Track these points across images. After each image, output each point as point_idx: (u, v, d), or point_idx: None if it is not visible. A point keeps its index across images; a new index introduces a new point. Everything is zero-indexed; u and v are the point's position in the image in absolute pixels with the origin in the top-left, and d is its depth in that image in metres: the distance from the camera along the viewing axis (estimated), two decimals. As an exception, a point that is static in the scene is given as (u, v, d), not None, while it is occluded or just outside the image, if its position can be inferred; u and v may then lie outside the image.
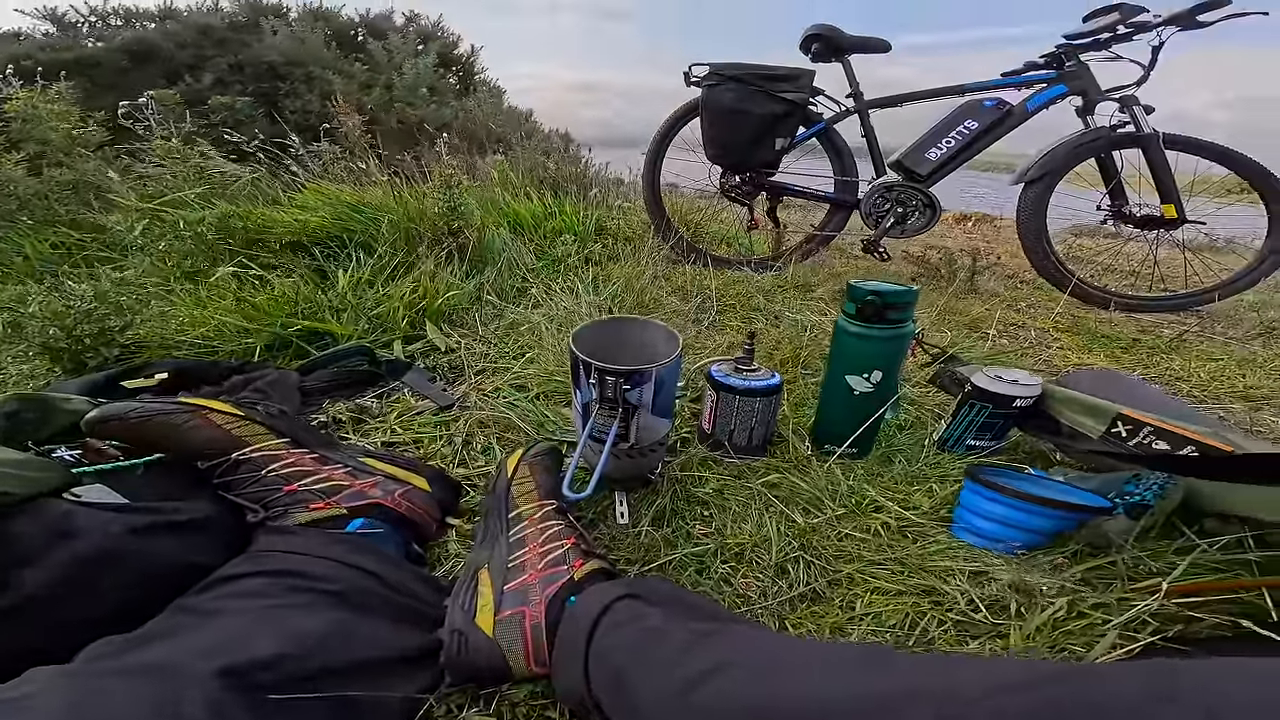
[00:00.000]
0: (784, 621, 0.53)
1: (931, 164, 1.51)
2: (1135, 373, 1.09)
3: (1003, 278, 1.84)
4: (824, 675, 0.30)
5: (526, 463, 0.64)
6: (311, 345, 0.98)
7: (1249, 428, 0.90)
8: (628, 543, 0.62)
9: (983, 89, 1.50)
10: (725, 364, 0.76)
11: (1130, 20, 1.34)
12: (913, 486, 0.70)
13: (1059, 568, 0.56)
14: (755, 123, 1.49)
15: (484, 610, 0.48)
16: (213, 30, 3.68)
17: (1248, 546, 0.54)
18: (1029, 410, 0.72)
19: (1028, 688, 0.23)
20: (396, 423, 0.80)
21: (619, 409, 0.60)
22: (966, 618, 0.52)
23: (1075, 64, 1.46)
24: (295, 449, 0.56)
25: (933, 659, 0.34)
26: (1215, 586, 0.51)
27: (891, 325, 0.68)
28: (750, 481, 0.69)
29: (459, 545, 0.60)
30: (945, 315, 1.34)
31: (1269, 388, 1.04)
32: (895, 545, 0.61)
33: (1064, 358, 1.18)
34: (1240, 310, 1.56)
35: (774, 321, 1.25)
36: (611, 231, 1.77)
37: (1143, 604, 0.50)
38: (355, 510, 0.53)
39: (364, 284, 1.21)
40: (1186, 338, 1.31)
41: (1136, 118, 1.43)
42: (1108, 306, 1.50)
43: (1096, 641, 0.49)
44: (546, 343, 1.05)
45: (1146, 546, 0.57)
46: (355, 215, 1.42)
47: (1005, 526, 0.59)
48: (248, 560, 0.43)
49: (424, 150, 2.42)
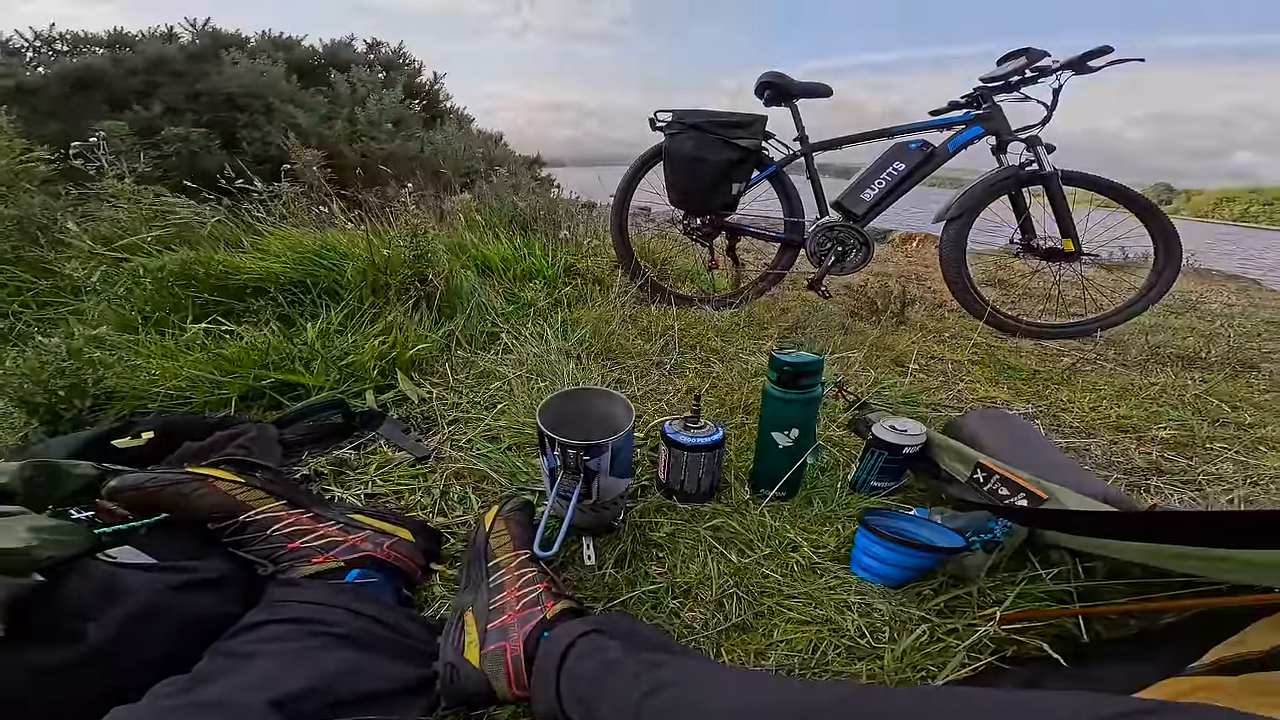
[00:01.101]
0: (720, 648, 0.64)
1: (866, 204, 1.71)
2: (1029, 405, 1.27)
3: (931, 307, 2.05)
4: (739, 692, 0.42)
5: (502, 518, 0.74)
6: (284, 396, 1.05)
7: (1106, 458, 1.07)
8: (593, 583, 0.72)
9: (909, 131, 1.72)
10: (677, 421, 0.88)
11: (1035, 65, 1.57)
12: (824, 527, 0.81)
13: (925, 599, 0.68)
14: (714, 169, 1.66)
15: (471, 646, 0.57)
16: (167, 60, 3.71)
17: (1074, 576, 0.68)
18: (917, 455, 0.86)
19: (841, 703, 0.34)
20: (376, 475, 0.88)
21: (580, 473, 0.71)
22: (855, 643, 0.63)
23: (990, 106, 1.67)
24: (293, 510, 0.64)
25: (807, 684, 0.46)
26: (1040, 614, 0.64)
27: (803, 390, 0.81)
28: (698, 525, 0.81)
29: (443, 588, 0.69)
30: (874, 351, 1.48)
31: (1136, 418, 1.21)
32: (806, 580, 0.72)
33: (973, 391, 1.34)
34: (1133, 334, 1.80)
35: (728, 364, 1.38)
36: (581, 272, 1.88)
37: (981, 630, 0.62)
38: (351, 562, 0.62)
39: (332, 333, 1.27)
40: (1078, 367, 1.51)
41: (1040, 157, 1.64)
42: (1017, 334, 1.71)
43: (949, 662, 0.60)
44: (517, 393, 1.14)
45: (997, 578, 0.69)
46: (319, 261, 1.48)
47: (885, 565, 0.70)
48: (266, 609, 0.51)
49: (390, 188, 2.51)
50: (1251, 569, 0.53)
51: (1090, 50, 1.51)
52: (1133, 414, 1.22)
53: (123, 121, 2.22)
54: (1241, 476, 1.00)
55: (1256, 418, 1.21)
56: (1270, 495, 0.96)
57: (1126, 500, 0.79)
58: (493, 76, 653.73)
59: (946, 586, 0.69)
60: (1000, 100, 1.67)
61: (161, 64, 3.65)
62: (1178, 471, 1.02)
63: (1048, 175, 1.63)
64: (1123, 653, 0.60)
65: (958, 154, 1.71)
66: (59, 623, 0.42)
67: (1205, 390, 1.33)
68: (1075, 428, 1.18)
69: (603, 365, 1.32)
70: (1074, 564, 0.69)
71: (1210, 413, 1.23)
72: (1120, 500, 0.77)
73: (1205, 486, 0.98)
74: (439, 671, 0.54)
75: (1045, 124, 1.64)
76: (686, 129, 1.64)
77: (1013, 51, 1.62)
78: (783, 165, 1.78)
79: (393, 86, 4.46)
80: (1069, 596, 0.67)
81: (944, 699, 0.33)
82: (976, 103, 1.69)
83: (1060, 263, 1.74)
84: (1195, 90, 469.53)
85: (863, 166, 1.75)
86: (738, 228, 1.85)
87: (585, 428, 0.79)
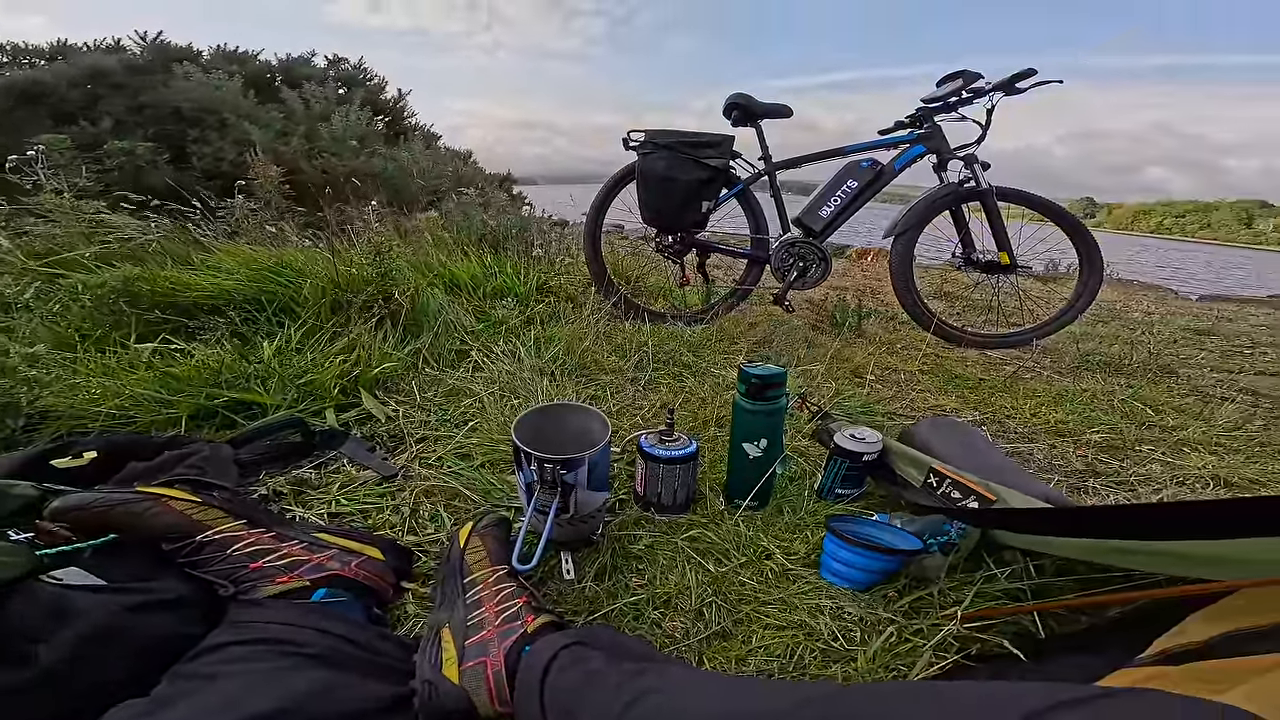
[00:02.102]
0: (701, 656, 0.65)
1: (824, 220, 1.80)
2: (976, 412, 1.35)
3: (885, 319, 2.16)
4: (723, 697, 0.42)
5: (477, 534, 0.73)
6: (239, 415, 1.00)
7: (1048, 461, 1.14)
8: (574, 596, 0.72)
9: (860, 150, 1.82)
10: (652, 435, 0.89)
11: (970, 86, 1.69)
12: (795, 534, 0.84)
13: (891, 600, 0.71)
14: (685, 188, 1.71)
15: (449, 663, 0.56)
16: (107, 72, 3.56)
17: (1026, 574, 0.72)
18: (875, 463, 0.90)
19: (827, 699, 0.36)
20: (339, 494, 0.85)
21: (558, 488, 0.71)
22: (829, 646, 0.65)
23: (931, 125, 1.77)
24: (254, 529, 0.62)
25: (790, 685, 0.47)
26: (998, 612, 0.67)
27: (770, 401, 0.84)
28: (675, 537, 0.82)
29: (417, 607, 0.67)
30: (835, 364, 1.55)
31: (1072, 422, 1.29)
32: (780, 586, 0.74)
33: (924, 400, 1.40)
34: (1065, 343, 1.93)
35: (701, 379, 1.41)
36: (554, 289, 1.88)
37: (945, 629, 0.64)
38: (317, 581, 0.59)
39: (290, 351, 1.23)
40: (1019, 375, 1.61)
41: (976, 174, 1.76)
42: (961, 344, 1.81)
43: (918, 662, 0.62)
44: (489, 410, 1.13)
45: (955, 579, 0.72)
46: (275, 279, 1.44)
47: (852, 569, 0.73)
48: (229, 630, 0.49)
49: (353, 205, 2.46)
50: (1182, 562, 0.58)
51: (1018, 72, 1.64)
52: (1069, 419, 1.31)
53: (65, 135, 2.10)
54: (1169, 476, 1.09)
55: (1178, 420, 1.32)
56: (1196, 494, 1.05)
57: (1066, 501, 0.84)
58: (462, 94, 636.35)
59: (910, 588, 0.72)
60: (940, 120, 1.77)
61: (101, 76, 3.50)
62: (1111, 473, 1.09)
63: (984, 191, 1.76)
64: (1076, 647, 0.64)
65: (903, 171, 1.82)
66: (5, 645, 0.39)
67: (1131, 395, 1.44)
68: (1019, 433, 1.26)
69: (577, 382, 1.33)
70: (1025, 563, 0.74)
71: (1136, 416, 1.34)
72: (1060, 501, 0.82)
73: (1137, 487, 1.05)
74: (416, 689, 0.52)
75: (980, 142, 1.76)
76: (658, 149, 1.69)
77: (950, 74, 1.75)
78: (749, 183, 1.85)
79: (351, 103, 4.40)
80: (1023, 594, 0.71)
81: (921, 691, 0.35)
82: (919, 123, 1.80)
83: (998, 275, 1.87)
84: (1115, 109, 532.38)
85: (820, 184, 1.85)
86: (708, 245, 1.91)
87: (561, 442, 0.79)
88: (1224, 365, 1.92)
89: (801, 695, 0.36)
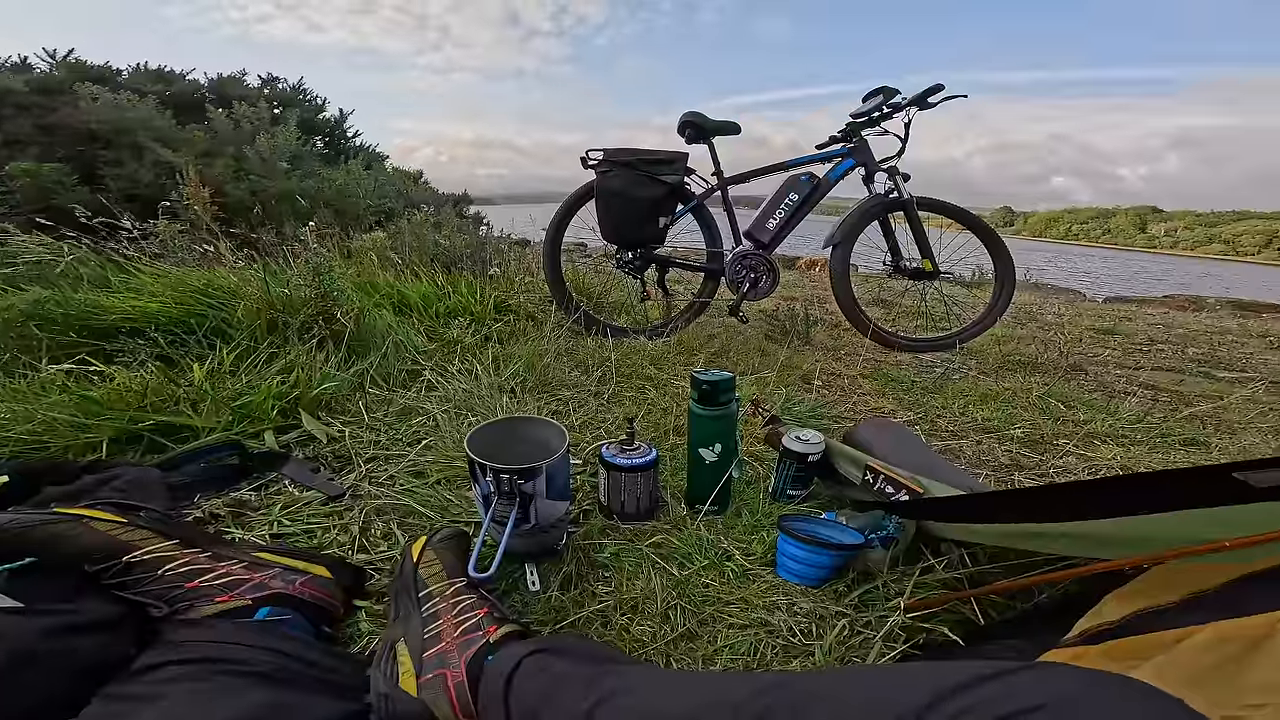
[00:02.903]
0: (669, 658, 0.66)
1: (770, 233, 1.89)
2: (911, 413, 1.40)
3: (831, 327, 2.26)
4: (682, 694, 0.43)
5: (431, 548, 0.71)
6: (169, 439, 0.94)
7: (977, 457, 1.19)
8: (540, 607, 0.71)
9: (800, 164, 1.91)
10: (613, 445, 0.90)
11: (889, 102, 1.80)
12: (753, 535, 0.86)
13: (841, 595, 0.74)
14: (642, 205, 1.75)
15: (406, 676, 0.54)
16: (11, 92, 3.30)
17: (962, 564, 0.77)
18: (820, 463, 0.94)
19: (778, 685, 0.37)
20: (282, 515, 0.81)
21: (516, 498, 0.72)
22: (789, 642, 0.67)
23: (858, 140, 1.87)
24: (188, 549, 0.58)
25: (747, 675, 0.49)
26: (935, 600, 0.70)
27: (722, 405, 0.87)
28: (640, 544, 0.83)
29: (370, 624, 0.64)
30: (785, 371, 1.58)
31: (996, 419, 1.37)
32: (741, 586, 0.76)
33: (866, 403, 1.47)
34: (988, 344, 2.07)
35: (662, 390, 1.43)
36: (514, 308, 1.87)
37: (891, 620, 0.68)
38: (260, 600, 0.56)
39: (224, 373, 1.18)
40: (947, 376, 1.71)
41: (898, 185, 1.86)
42: (895, 348, 1.92)
43: (869, 653, 0.65)
44: (444, 428, 1.11)
45: (898, 571, 0.75)
46: (204, 300, 1.38)
47: (804, 565, 0.76)
48: (166, 650, 0.46)
49: (287, 227, 2.38)
50: (1080, 543, 0.62)
51: (929, 88, 1.77)
52: (993, 416, 1.39)
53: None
54: (1082, 467, 1.19)
55: (1088, 415, 1.45)
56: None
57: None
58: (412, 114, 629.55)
59: (858, 582, 0.76)
60: (866, 134, 1.88)
61: (4, 95, 3.24)
62: (1032, 466, 1.18)
63: (906, 201, 1.87)
64: (1011, 632, 0.68)
65: (838, 183, 1.91)
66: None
67: (1046, 392, 1.57)
68: (949, 431, 1.33)
69: (539, 398, 1.32)
70: (960, 553, 0.78)
71: (1052, 412, 1.45)
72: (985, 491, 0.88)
73: (1056, 479, 1.14)
74: (371, 704, 0.50)
75: (901, 155, 1.87)
76: (616, 167, 1.73)
77: (873, 90, 1.86)
78: (703, 198, 1.92)
79: (286, 123, 4.26)
80: (960, 583, 0.76)
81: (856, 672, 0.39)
82: (848, 137, 1.91)
83: (924, 281, 1.99)
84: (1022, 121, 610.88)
85: (767, 197, 1.94)
86: (666, 260, 1.95)
87: (519, 455, 0.79)
88: (1125, 362, 2.12)
89: (757, 685, 0.38)
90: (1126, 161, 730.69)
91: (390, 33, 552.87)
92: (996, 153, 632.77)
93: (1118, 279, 11.81)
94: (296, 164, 4.08)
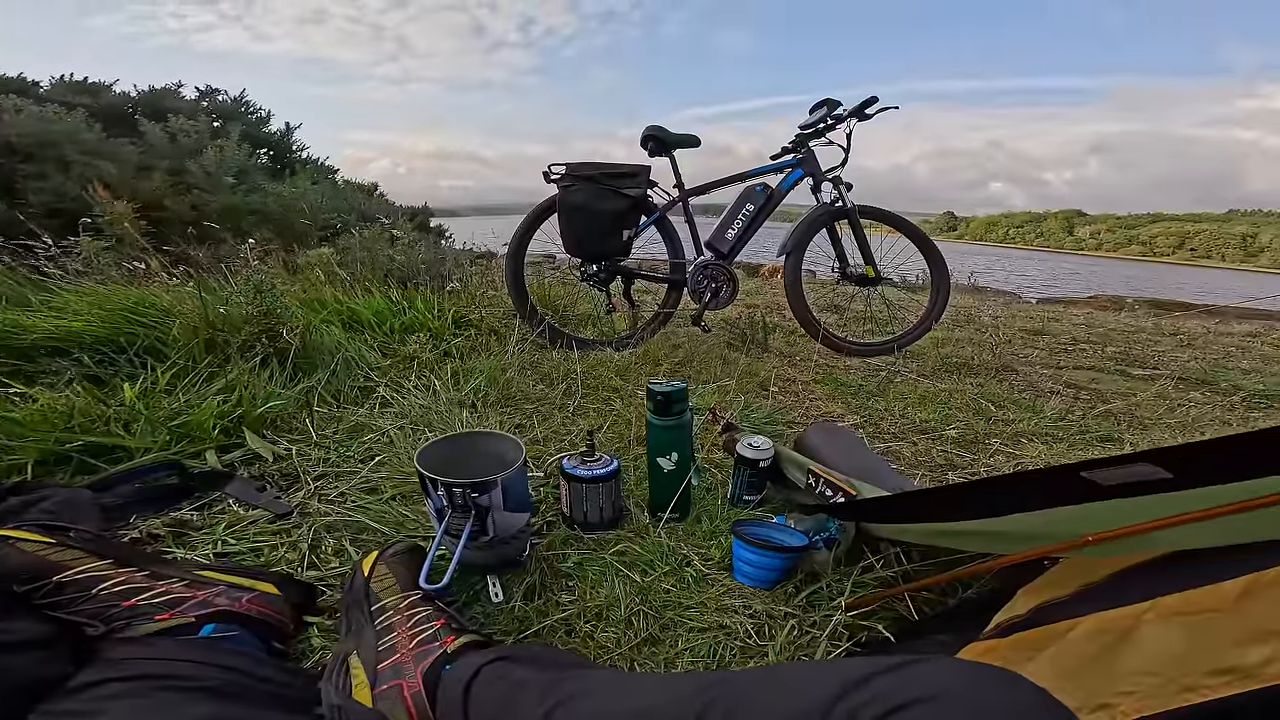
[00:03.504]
0: (633, 663, 0.67)
1: (729, 243, 1.95)
2: (857, 416, 1.46)
3: (787, 333, 2.33)
4: (636, 695, 0.45)
5: (384, 562, 0.71)
6: (100, 460, 0.90)
7: (915, 458, 1.24)
8: (503, 618, 0.71)
9: (756, 175, 1.98)
10: (574, 457, 0.91)
11: (832, 114, 1.90)
12: (711, 541, 0.88)
13: (790, 596, 0.76)
14: (606, 218, 1.77)
15: (360, 688, 0.53)
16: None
17: (898, 562, 0.81)
18: (771, 468, 0.97)
19: (702, 689, 0.39)
20: (227, 534, 0.79)
21: (471, 511, 0.71)
22: (746, 643, 0.69)
23: (806, 151, 1.95)
24: (123, 568, 0.56)
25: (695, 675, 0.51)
26: (873, 598, 0.73)
27: (676, 416, 0.90)
28: (603, 552, 0.84)
29: (323, 640, 0.63)
30: (744, 378, 1.62)
31: (933, 421, 1.43)
32: (700, 591, 0.78)
33: (818, 407, 1.52)
34: (928, 347, 2.17)
35: (627, 401, 1.44)
36: (474, 323, 1.84)
37: (835, 619, 0.71)
38: (204, 618, 0.55)
39: (159, 393, 1.13)
40: (890, 379, 1.75)
41: (842, 195, 1.95)
42: (843, 352, 2.00)
43: (816, 652, 0.68)
44: (399, 445, 1.09)
45: (840, 571, 0.78)
46: (135, 319, 1.33)
47: (756, 569, 0.78)
48: (105, 668, 0.44)
49: (228, 243, 2.29)
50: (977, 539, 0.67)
51: (865, 100, 1.88)
52: (930, 418, 1.46)
53: None
54: (1010, 465, 1.27)
55: (1016, 414, 1.55)
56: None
57: None
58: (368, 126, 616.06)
59: (805, 583, 0.79)
60: (814, 145, 1.97)
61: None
62: (965, 465, 1.25)
63: (849, 210, 1.98)
64: (939, 627, 0.71)
65: (790, 193, 1.99)
66: None
67: (979, 393, 1.67)
68: (891, 433, 1.39)
69: (501, 412, 1.31)
70: (895, 551, 0.81)
71: (984, 412, 1.55)
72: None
73: (986, 477, 1.21)
74: (324, 717, 0.49)
75: (844, 165, 1.98)
76: (579, 181, 1.74)
77: (818, 102, 1.95)
78: (665, 211, 1.96)
79: (228, 136, 4.10)
80: (896, 581, 0.77)
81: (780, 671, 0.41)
82: (798, 148, 1.99)
83: (868, 287, 2.08)
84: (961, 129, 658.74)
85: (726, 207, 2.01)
86: (631, 271, 1.97)
87: (474, 469, 0.79)
88: (1051, 361, 2.27)
89: (702, 683, 0.40)
90: (1053, 167, 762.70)
91: (343, 43, 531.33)
92: (939, 159, 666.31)
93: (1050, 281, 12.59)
94: (243, 178, 3.92)
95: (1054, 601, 0.56)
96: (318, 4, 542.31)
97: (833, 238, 2.07)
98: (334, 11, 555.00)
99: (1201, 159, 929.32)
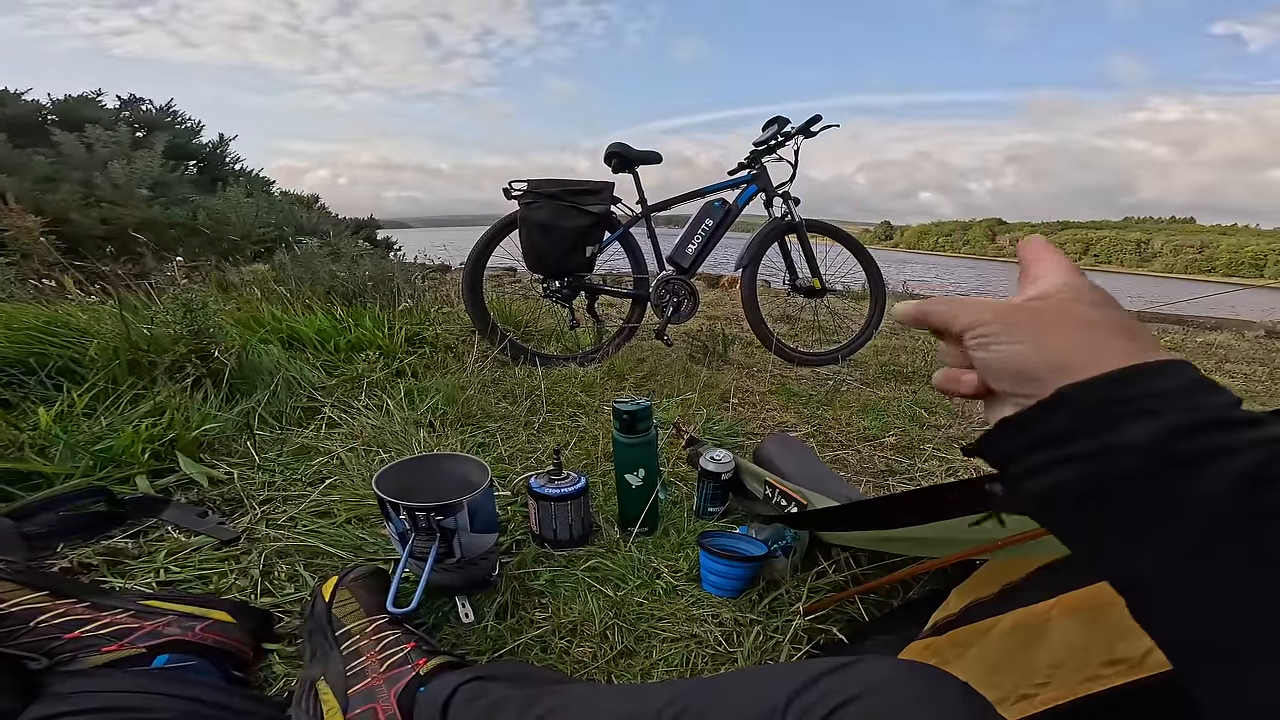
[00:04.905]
0: (610, 676, 0.68)
1: (690, 257, 1.99)
2: (808, 425, 1.48)
3: (745, 344, 2.37)
4: (611, 705, 0.46)
5: (345, 587, 0.68)
6: (16, 487, 0.82)
7: (860, 465, 1.29)
8: (476, 638, 0.70)
9: (714, 190, 2.03)
10: (541, 475, 0.91)
11: (781, 131, 1.97)
12: (679, 553, 0.90)
13: (755, 603, 0.79)
14: (569, 235, 1.75)
15: (331, 713, 0.52)
16: None
17: (848, 566, 0.85)
18: (733, 480, 1.00)
19: (675, 697, 0.41)
20: (168, 561, 0.73)
21: (436, 533, 0.70)
22: (716, 651, 0.71)
23: (759, 166, 2.00)
24: (61, 599, 0.51)
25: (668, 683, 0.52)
26: (826, 602, 0.76)
27: (640, 433, 0.92)
28: (575, 569, 0.84)
29: (285, 666, 0.60)
30: (706, 391, 1.63)
31: (875, 428, 1.48)
32: (671, 602, 0.79)
33: (773, 418, 1.54)
34: (870, 356, 2.24)
35: (593, 417, 1.40)
36: (429, 340, 1.78)
37: (794, 623, 0.73)
38: (156, 648, 0.51)
39: (77, 416, 1.03)
40: (838, 388, 1.78)
41: (791, 209, 2.02)
42: (794, 362, 2.07)
43: (779, 657, 0.70)
44: (351, 466, 1.05)
45: (798, 577, 0.81)
46: (46, 339, 1.22)
47: (722, 578, 0.81)
48: (54, 702, 0.40)
49: (148, 259, 2.12)
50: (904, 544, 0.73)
51: (810, 119, 1.97)
52: (872, 425, 1.51)
53: None
54: (943, 470, 1.35)
55: (946, 420, 1.65)
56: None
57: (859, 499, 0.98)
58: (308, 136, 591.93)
59: (768, 590, 0.80)
60: (766, 161, 2.03)
61: None
62: (903, 471, 1.32)
63: (797, 224, 2.06)
64: (886, 628, 0.75)
65: (745, 207, 2.05)
66: None
67: (913, 400, 1.71)
68: (838, 441, 1.43)
69: (462, 431, 1.28)
70: (845, 556, 0.85)
71: (919, 419, 1.63)
72: (856, 499, 0.97)
73: (921, 481, 1.27)
74: None
75: (793, 180, 2.05)
76: (541, 198, 1.73)
77: (770, 119, 2.03)
78: (628, 226, 1.97)
79: (151, 147, 3.82)
80: (846, 585, 0.81)
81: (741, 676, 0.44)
82: (752, 164, 2.05)
83: (815, 298, 2.16)
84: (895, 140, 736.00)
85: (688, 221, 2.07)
86: (594, 287, 1.95)
87: (439, 491, 0.77)
88: None
89: (676, 690, 0.42)
90: (975, 176, 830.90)
91: (280, 50, 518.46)
92: (876, 169, 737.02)
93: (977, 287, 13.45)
94: (160, 191, 3.64)
95: (981, 600, 0.60)
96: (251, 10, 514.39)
97: (783, 250, 2.15)
98: (269, 18, 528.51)
99: (1101, 169, 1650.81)
